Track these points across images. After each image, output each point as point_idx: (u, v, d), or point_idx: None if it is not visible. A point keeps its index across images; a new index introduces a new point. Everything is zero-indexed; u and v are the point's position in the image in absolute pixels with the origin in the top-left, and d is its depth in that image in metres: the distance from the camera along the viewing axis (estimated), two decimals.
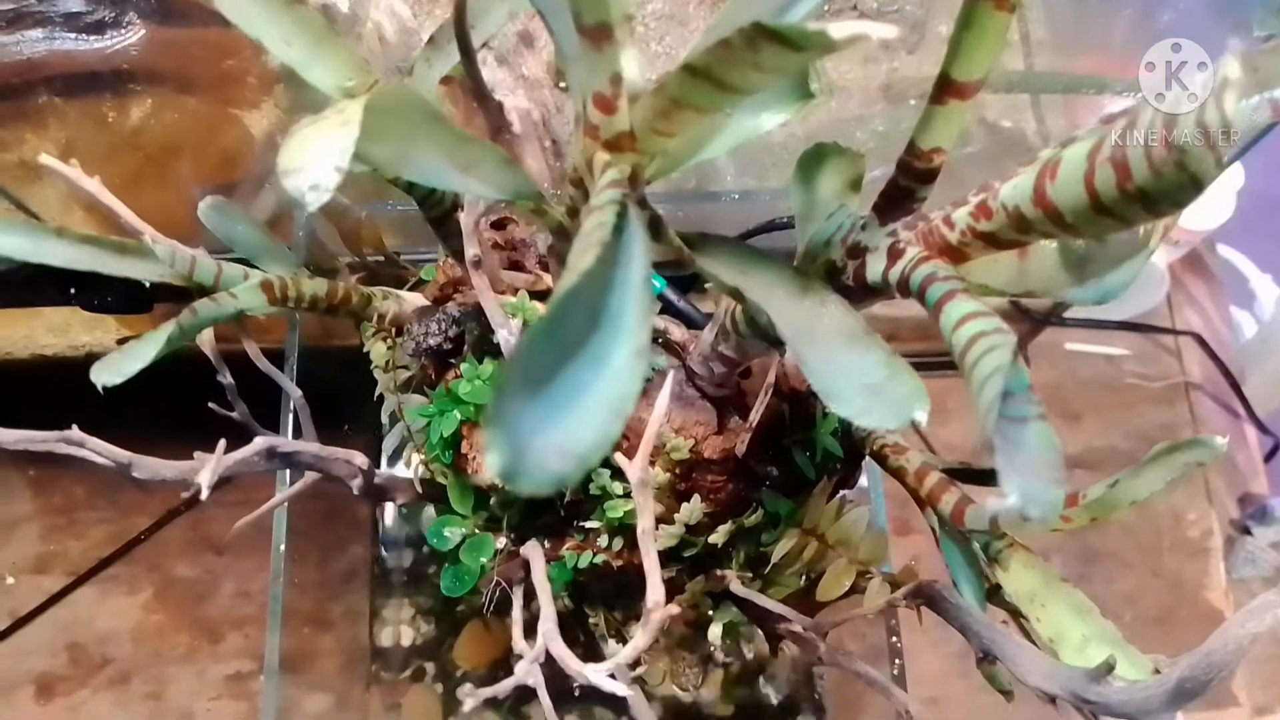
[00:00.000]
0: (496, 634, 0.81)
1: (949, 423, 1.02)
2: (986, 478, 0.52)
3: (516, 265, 0.53)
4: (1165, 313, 1.06)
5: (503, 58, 0.74)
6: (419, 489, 0.59)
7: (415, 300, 0.54)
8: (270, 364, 0.51)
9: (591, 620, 0.63)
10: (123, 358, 0.41)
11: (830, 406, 0.29)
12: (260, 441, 0.46)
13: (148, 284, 0.83)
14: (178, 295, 0.81)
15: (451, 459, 0.54)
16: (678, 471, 0.49)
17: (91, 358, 0.98)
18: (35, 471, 1.03)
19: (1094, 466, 1.06)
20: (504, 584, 0.62)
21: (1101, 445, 1.08)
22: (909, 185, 0.35)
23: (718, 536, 0.51)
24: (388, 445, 0.57)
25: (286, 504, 0.71)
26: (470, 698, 0.40)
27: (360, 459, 0.50)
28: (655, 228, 0.33)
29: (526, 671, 0.41)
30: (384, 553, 0.90)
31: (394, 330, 0.54)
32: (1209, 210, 0.93)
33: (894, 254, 0.35)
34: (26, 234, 0.42)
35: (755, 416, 0.44)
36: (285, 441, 0.52)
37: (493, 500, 0.58)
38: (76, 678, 0.95)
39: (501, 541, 0.58)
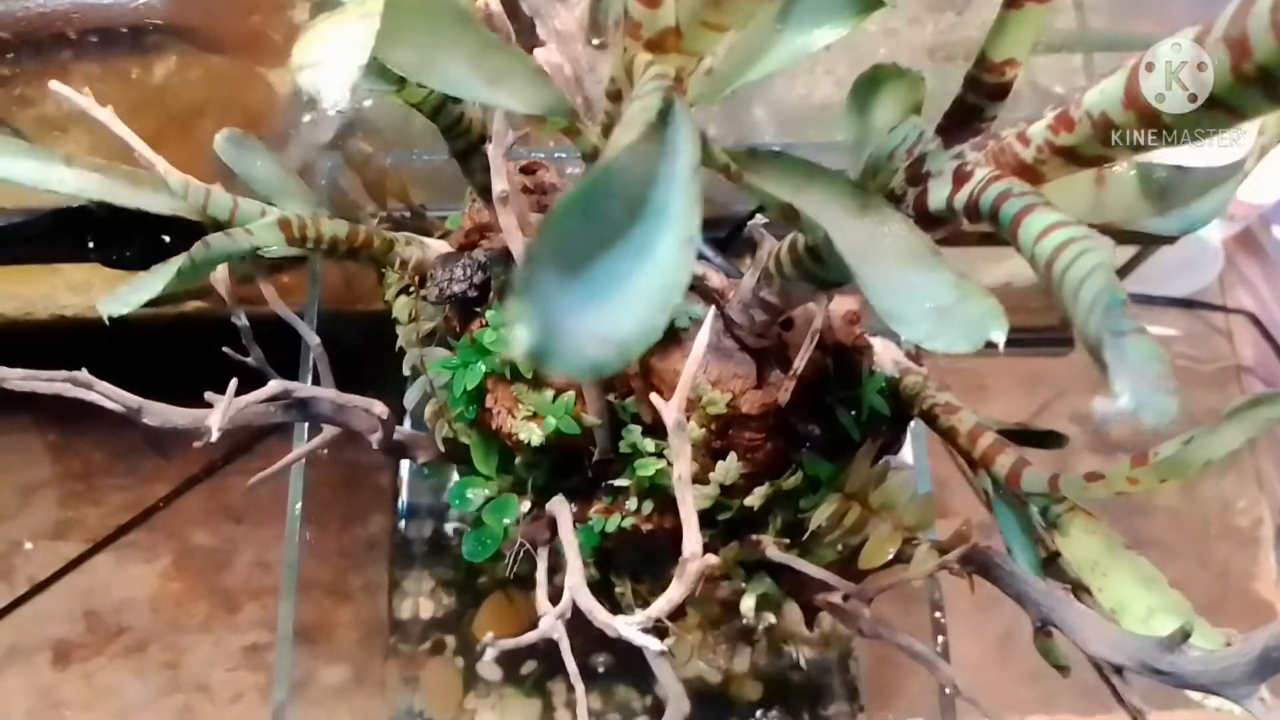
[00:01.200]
0: (519, 606, 0.79)
1: (990, 401, 0.98)
2: (1045, 440, 0.48)
3: (545, 210, 0.50)
4: (1217, 292, 1.02)
5: (535, 9, 0.71)
6: (441, 447, 0.57)
7: (440, 247, 0.51)
8: (289, 311, 0.48)
9: (618, 590, 0.61)
10: (130, 290, 0.39)
11: (894, 329, 0.26)
12: (275, 385, 0.44)
13: (168, 239, 0.81)
14: None
15: (475, 414, 0.52)
16: (713, 428, 0.46)
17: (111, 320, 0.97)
18: (54, 437, 1.02)
19: (1137, 451, 1.03)
20: (529, 546, 0.60)
21: (1146, 431, 1.04)
22: (977, 103, 0.32)
23: (754, 499, 0.49)
24: (410, 399, 0.54)
25: (304, 467, 0.70)
26: (491, 647, 0.37)
27: (380, 408, 0.47)
28: (700, 140, 0.30)
29: (551, 626, 0.38)
30: (404, 524, 0.88)
31: (417, 280, 0.51)
32: (1266, 184, 0.89)
33: (960, 177, 0.32)
34: (34, 158, 0.40)
35: (799, 365, 0.41)
36: (301, 387, 0.50)
37: (518, 460, 0.55)
38: (93, 645, 0.94)
39: (526, 505, 0.56)
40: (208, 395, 0.42)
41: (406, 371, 0.55)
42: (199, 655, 0.93)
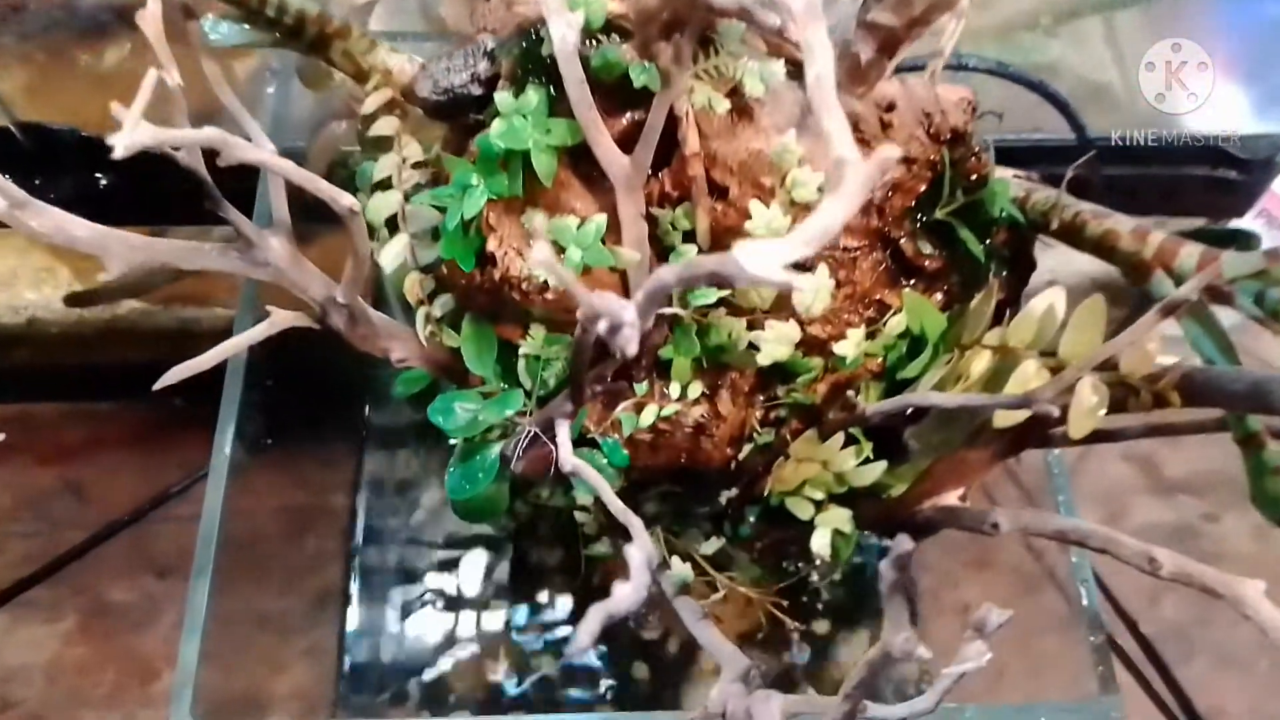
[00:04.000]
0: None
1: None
2: (1231, 239, 0.37)
3: None
4: None
5: None
6: (423, 341, 0.44)
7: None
8: (235, 100, 0.37)
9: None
10: None
11: None
12: (214, 132, 0.32)
13: (102, 179, 0.70)
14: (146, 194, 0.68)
15: (474, 263, 0.40)
16: (799, 221, 0.35)
17: (34, 323, 0.84)
18: None
19: (1199, 492, 0.91)
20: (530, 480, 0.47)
21: (1206, 469, 0.93)
22: None
23: (847, 347, 0.37)
24: (387, 259, 0.42)
25: (221, 512, 0.54)
26: None
27: (349, 200, 0.35)
28: None
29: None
30: (361, 581, 0.72)
31: (403, 97, 0.40)
32: None
33: None
34: None
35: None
36: (249, 226, 0.38)
37: (522, 357, 0.43)
38: None
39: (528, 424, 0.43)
40: (113, 108, 0.30)
41: (382, 229, 0.43)
42: None
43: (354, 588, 0.68)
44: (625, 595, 0.21)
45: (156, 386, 0.42)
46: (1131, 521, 0.91)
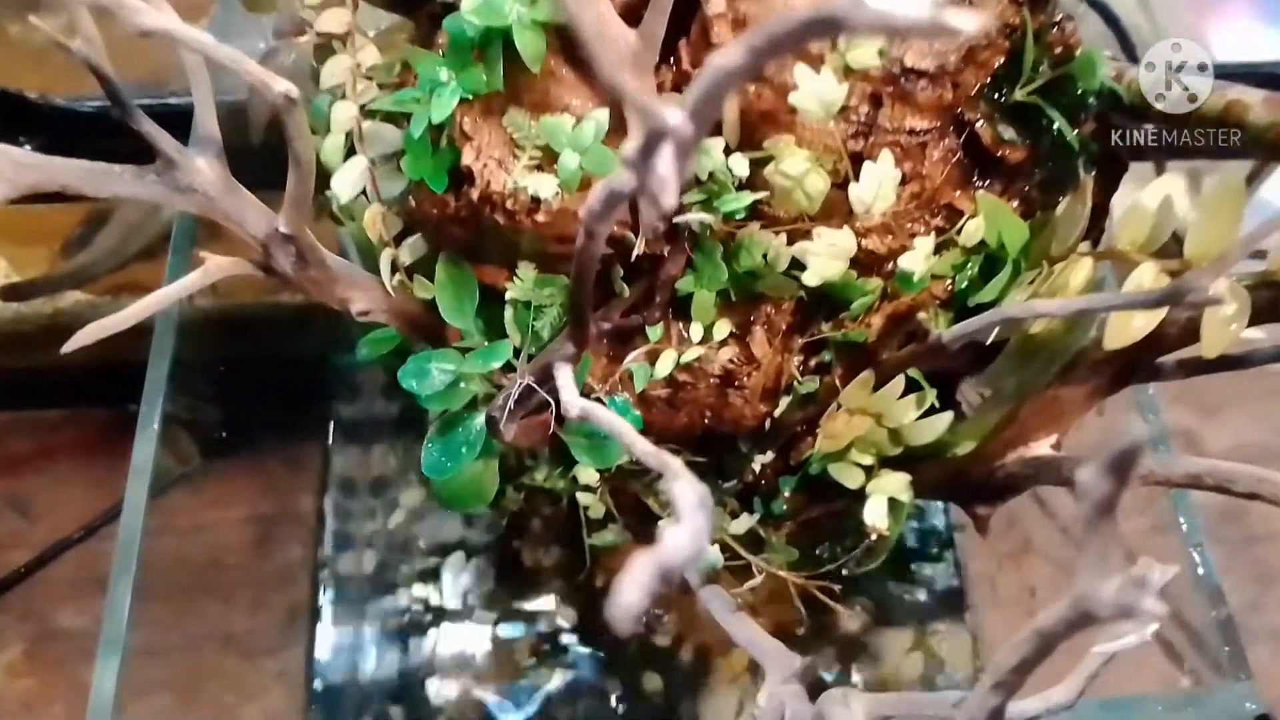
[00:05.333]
0: None
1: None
2: None
3: None
4: None
5: None
6: (390, 290, 0.37)
7: None
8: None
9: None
10: None
11: None
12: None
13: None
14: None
15: (447, 184, 0.32)
16: (854, 101, 0.27)
17: None
18: None
19: None
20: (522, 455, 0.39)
21: (1250, 442, 0.87)
22: None
23: (914, 261, 0.29)
24: (341, 185, 0.35)
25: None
26: None
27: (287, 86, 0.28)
28: None
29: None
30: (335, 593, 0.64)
31: None
32: None
33: None
34: None
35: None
36: (170, 143, 0.30)
37: (509, 304, 0.35)
38: None
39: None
40: None
41: (338, 146, 0.35)
42: None
43: (324, 600, 0.60)
44: (679, 541, 0.14)
45: (66, 348, 0.35)
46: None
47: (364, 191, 0.36)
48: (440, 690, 0.56)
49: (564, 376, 0.28)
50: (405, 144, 0.32)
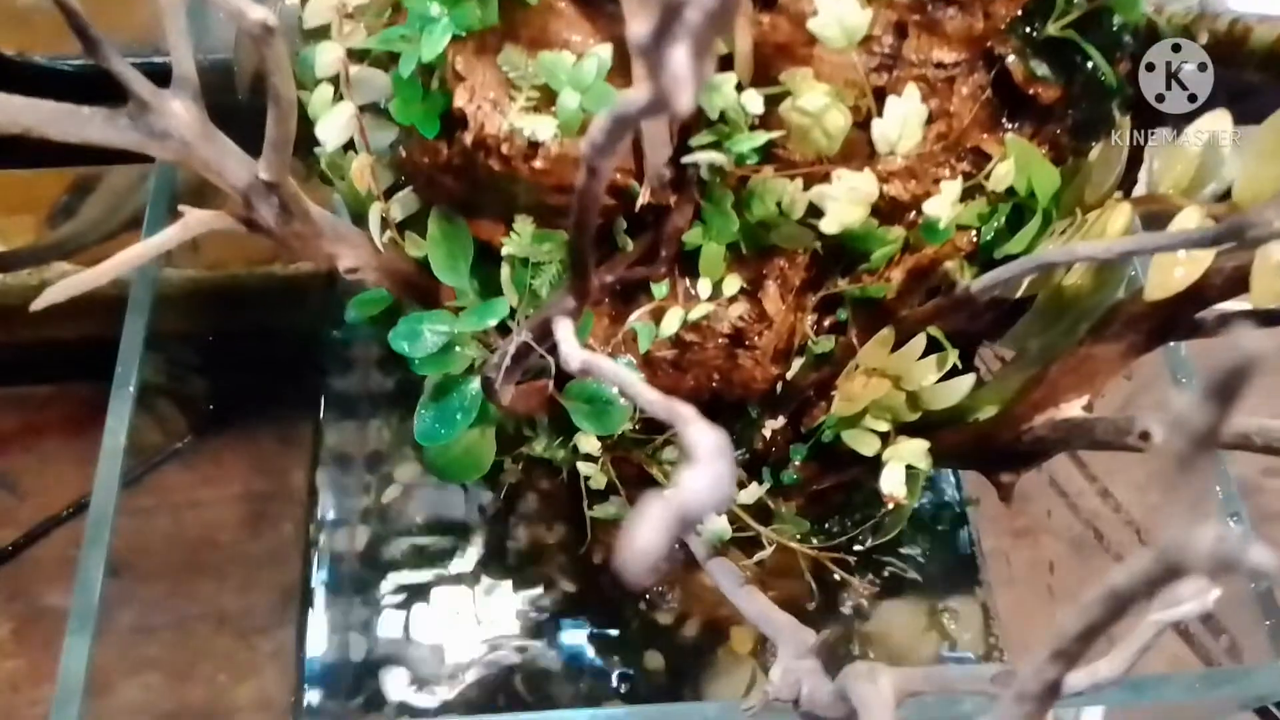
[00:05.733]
0: None
1: None
2: None
3: None
4: None
5: None
6: (379, 247, 0.35)
7: None
8: None
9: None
10: None
11: None
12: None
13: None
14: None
15: (439, 129, 0.30)
16: (877, 31, 0.25)
17: None
18: None
19: None
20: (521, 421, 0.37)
21: None
22: None
23: (940, 206, 0.27)
24: (328, 133, 0.33)
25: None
26: None
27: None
28: None
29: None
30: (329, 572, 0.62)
31: None
32: None
33: None
34: None
35: None
36: (143, 84, 0.28)
37: (506, 261, 0.33)
38: None
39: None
40: None
41: (325, 99, 0.33)
42: None
43: (317, 578, 0.59)
44: (699, 485, 0.12)
45: (36, 305, 0.33)
46: None
47: (351, 143, 0.34)
48: (435, 669, 0.54)
49: (563, 329, 0.26)
50: (394, 86, 0.30)
